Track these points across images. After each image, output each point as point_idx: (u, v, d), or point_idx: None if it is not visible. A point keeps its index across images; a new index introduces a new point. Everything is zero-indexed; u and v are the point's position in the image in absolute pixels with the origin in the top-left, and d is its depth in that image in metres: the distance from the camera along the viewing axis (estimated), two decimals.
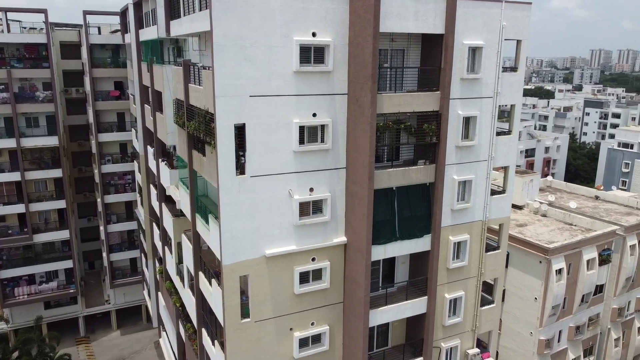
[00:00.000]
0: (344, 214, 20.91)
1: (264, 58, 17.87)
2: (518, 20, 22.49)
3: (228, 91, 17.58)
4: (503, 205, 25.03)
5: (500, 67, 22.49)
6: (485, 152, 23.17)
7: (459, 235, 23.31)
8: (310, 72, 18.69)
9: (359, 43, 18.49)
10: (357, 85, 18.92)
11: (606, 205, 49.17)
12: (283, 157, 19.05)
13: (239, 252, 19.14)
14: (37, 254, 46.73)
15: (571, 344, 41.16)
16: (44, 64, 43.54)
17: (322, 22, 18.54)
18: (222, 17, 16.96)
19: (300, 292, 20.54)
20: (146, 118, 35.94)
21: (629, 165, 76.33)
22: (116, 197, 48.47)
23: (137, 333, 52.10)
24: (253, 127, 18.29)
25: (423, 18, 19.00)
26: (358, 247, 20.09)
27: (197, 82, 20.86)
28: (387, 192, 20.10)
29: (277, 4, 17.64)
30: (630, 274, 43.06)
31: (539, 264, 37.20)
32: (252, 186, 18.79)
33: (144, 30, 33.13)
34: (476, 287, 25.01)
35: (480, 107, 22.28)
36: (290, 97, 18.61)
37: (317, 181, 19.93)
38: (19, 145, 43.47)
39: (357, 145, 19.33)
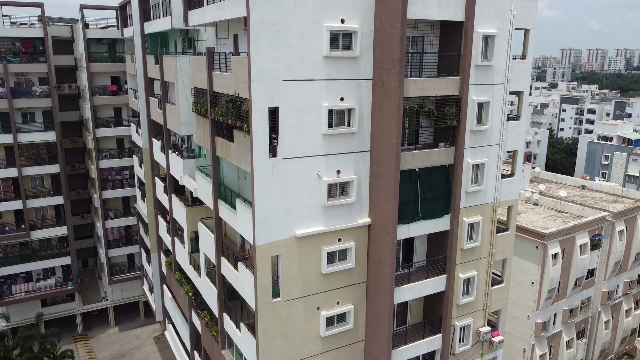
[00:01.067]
0: (367, 195, 21.68)
1: (296, 43, 18.51)
2: (527, 10, 23.59)
3: (263, 75, 18.16)
4: (512, 187, 26.16)
5: (511, 54, 23.56)
6: (496, 136, 24.20)
7: (472, 217, 24.29)
8: (339, 57, 19.41)
9: (385, 29, 19.27)
10: (383, 69, 19.70)
11: (593, 194, 51.10)
12: (313, 140, 19.71)
13: (271, 232, 19.73)
14: (34, 251, 46.26)
15: (565, 326, 42.76)
16: (41, 58, 43.20)
17: (350, 9, 19.28)
18: (259, 3, 17.54)
19: (327, 272, 21.24)
20: (151, 110, 36.06)
21: (609, 157, 79.06)
22: (114, 192, 48.27)
23: (136, 329, 51.95)
24: (285, 110, 18.91)
25: (445, 5, 19.90)
26: (383, 226, 20.88)
27: (222, 69, 21.34)
28: (410, 173, 20.93)
29: None
30: (618, 259, 44.94)
31: (536, 249, 38.56)
32: (284, 168, 19.41)
33: (150, 22, 33.29)
34: (487, 267, 26.07)
35: (492, 93, 23.28)
36: (320, 81, 19.29)
37: (343, 163, 20.66)
38: (15, 140, 43.01)
39: (383, 128, 20.11)
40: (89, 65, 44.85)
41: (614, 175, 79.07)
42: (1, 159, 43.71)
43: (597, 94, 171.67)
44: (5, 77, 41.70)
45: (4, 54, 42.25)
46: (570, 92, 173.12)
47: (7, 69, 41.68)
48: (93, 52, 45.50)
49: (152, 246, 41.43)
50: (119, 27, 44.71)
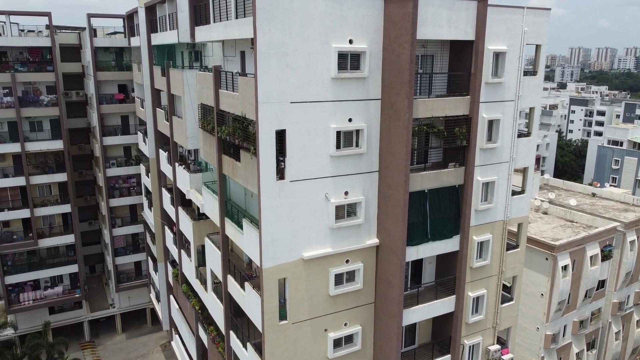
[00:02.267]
0: (376, 216, 21.39)
1: (304, 65, 18.25)
2: (538, 25, 23.19)
3: (271, 97, 17.92)
4: (522, 204, 25.78)
5: (522, 71, 23.17)
6: (507, 153, 23.83)
7: (482, 235, 23.94)
8: (347, 78, 19.13)
9: (394, 49, 18.97)
10: (392, 90, 19.40)
11: (603, 202, 50.45)
12: (320, 162, 19.46)
13: (278, 255, 19.50)
14: (41, 259, 46.37)
15: (575, 338, 42.23)
16: (48, 67, 43.23)
17: (359, 29, 18.98)
18: (266, 25, 17.30)
19: (335, 294, 20.98)
20: (158, 122, 35.95)
21: (619, 162, 78.16)
22: (121, 200, 48.28)
23: (143, 336, 51.98)
24: (293, 132, 18.67)
25: (455, 25, 19.56)
26: (392, 248, 20.59)
27: (229, 88, 21.13)
28: (419, 194, 20.62)
29: (317, 11, 18.03)
30: (629, 269, 44.33)
31: (545, 261, 38.06)
32: (291, 191, 19.16)
33: (157, 34, 33.16)
34: (497, 285, 25.70)
35: (502, 110, 22.92)
36: (328, 102, 19.02)
37: (351, 184, 20.39)
38: (23, 149, 43.08)
39: (392, 148, 19.81)
40: (97, 73, 44.84)
41: (625, 180, 78.17)
42: (9, 168, 43.80)
43: (606, 95, 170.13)
44: (13, 86, 41.77)
45: (11, 63, 42.29)
46: (580, 93, 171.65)
47: (15, 78, 41.74)
48: (100, 60, 45.50)
49: (159, 255, 41.36)
50: (126, 35, 44.65)
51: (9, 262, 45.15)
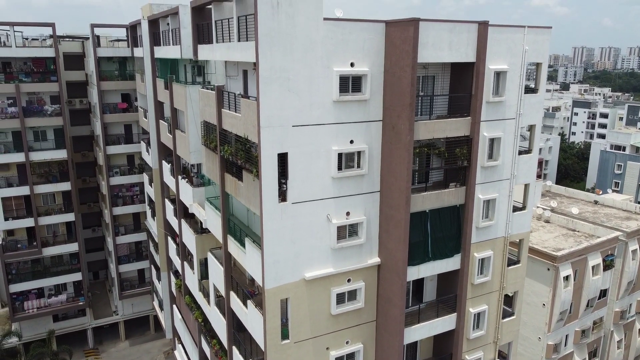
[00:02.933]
0: (377, 235, 21.55)
1: (305, 88, 18.41)
2: (539, 44, 23.29)
3: (273, 122, 18.10)
4: (523, 220, 25.90)
5: (523, 89, 23.27)
6: (507, 171, 23.94)
7: (483, 252, 24.06)
8: (349, 100, 19.29)
9: (396, 72, 19.11)
10: (393, 112, 19.54)
11: (605, 210, 50.47)
12: (322, 183, 19.62)
13: (280, 276, 19.67)
14: (45, 267, 46.67)
15: (577, 347, 42.31)
16: (52, 77, 43.49)
17: (360, 52, 19.13)
18: (268, 51, 17.46)
19: (337, 313, 21.15)
20: (161, 133, 36.16)
21: (622, 167, 78.11)
22: (124, 209, 48.53)
23: (146, 343, 52.25)
24: (295, 155, 18.83)
25: (456, 47, 19.69)
26: (393, 268, 20.74)
27: (232, 108, 21.31)
28: (420, 214, 20.76)
29: (318, 36, 18.18)
30: (632, 278, 44.38)
31: (547, 271, 38.15)
32: (293, 212, 19.33)
33: (160, 47, 33.35)
34: (498, 300, 25.82)
35: (503, 128, 23.04)
36: (330, 125, 19.19)
37: (353, 205, 20.54)
38: (27, 159, 43.37)
39: (393, 170, 19.96)
40: (100, 83, 45.09)
41: (627, 185, 78.16)
42: (13, 177, 44.10)
43: (609, 96, 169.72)
44: (17, 97, 42.05)
45: (16, 73, 42.56)
46: (583, 95, 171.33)
47: (19, 88, 42.03)
48: (104, 70, 45.73)
49: (162, 265, 41.58)
50: (129, 45, 44.89)
51: (13, 270, 45.46)
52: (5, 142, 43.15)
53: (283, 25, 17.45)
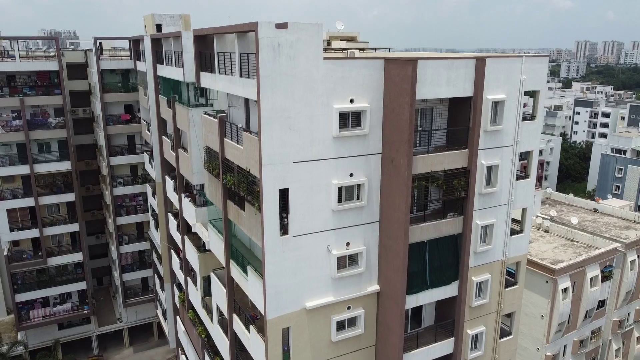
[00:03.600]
0: (377, 263, 22.01)
1: (306, 126, 18.82)
2: (536, 72, 23.62)
3: (274, 160, 18.53)
4: (521, 243, 26.29)
5: (520, 117, 23.63)
6: (505, 196, 24.32)
7: (480, 275, 24.49)
8: (349, 136, 19.69)
9: (394, 108, 19.50)
10: (392, 146, 19.95)
11: (605, 219, 50.83)
12: (322, 216, 20.07)
13: (281, 306, 20.18)
14: (51, 276, 47.32)
15: (575, 357, 42.82)
16: (56, 90, 43.94)
17: (360, 89, 19.52)
18: (269, 92, 17.86)
19: (337, 339, 21.66)
20: (164, 149, 36.60)
21: (622, 170, 78.34)
22: (128, 218, 49.09)
23: (150, 350, 52.98)
24: (296, 190, 19.27)
25: (454, 83, 20.05)
26: (392, 296, 21.22)
27: (234, 139, 21.72)
28: (419, 244, 21.20)
29: (319, 75, 18.57)
30: (630, 288, 44.83)
31: (546, 284, 38.62)
32: (294, 245, 19.79)
33: (163, 66, 33.72)
34: (496, 321, 26.30)
35: (501, 156, 23.39)
36: (330, 160, 19.61)
37: (353, 235, 21.00)
38: (32, 171, 43.92)
39: (392, 202, 20.39)
40: (103, 95, 45.52)
41: (628, 189, 78.43)
42: (18, 189, 44.66)
43: (612, 95, 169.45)
44: (22, 110, 42.55)
45: (20, 87, 43.01)
46: (585, 94, 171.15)
47: (24, 102, 42.50)
48: (107, 82, 46.13)
49: (165, 276, 42.16)
50: (131, 57, 45.26)
51: (19, 280, 46.12)
52: (10, 155, 43.68)
53: (284, 66, 17.84)
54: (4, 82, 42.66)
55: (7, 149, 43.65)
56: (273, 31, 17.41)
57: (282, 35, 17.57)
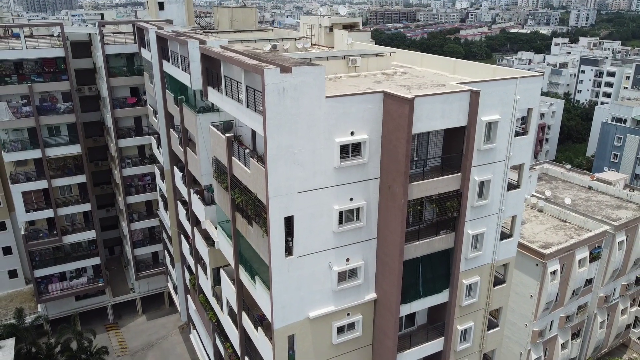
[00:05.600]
0: (374, 274, 23.94)
1: (309, 160, 20.20)
2: (530, 91, 24.63)
3: (280, 191, 20.05)
4: (510, 247, 28.13)
5: (513, 134, 24.85)
6: (496, 206, 25.92)
7: (471, 278, 26.49)
8: (349, 165, 21.09)
9: (392, 140, 20.78)
10: (389, 174, 21.38)
11: (598, 197, 52.52)
12: (324, 237, 21.80)
13: (287, 317, 22.29)
14: (66, 253, 49.79)
15: (561, 331, 45.72)
16: (63, 76, 44.67)
17: (360, 122, 20.73)
18: (275, 132, 19.14)
19: (337, 342, 23.95)
20: (172, 142, 37.89)
21: (621, 139, 79.22)
22: (137, 197, 50.95)
23: (162, 318, 56.28)
24: (300, 217, 20.90)
25: (449, 115, 21.21)
26: (388, 305, 23.29)
27: (242, 160, 23.13)
28: (413, 260, 23.03)
29: (321, 113, 19.77)
30: (617, 266, 47.10)
31: (536, 267, 40.82)
32: (299, 264, 21.65)
33: (169, 65, 34.46)
34: (484, 317, 28.57)
35: (493, 170, 24.81)
36: (331, 188, 21.11)
37: (352, 252, 22.81)
38: (44, 155, 45.40)
39: (389, 224, 22.04)
40: (109, 79, 46.24)
41: (626, 158, 79.57)
42: (31, 172, 46.29)
43: (619, 51, 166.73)
44: (31, 97, 43.51)
45: (27, 74, 43.74)
46: (592, 50, 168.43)
47: (33, 89, 43.39)
48: (112, 65, 46.71)
49: (175, 256, 44.48)
50: (135, 42, 45.65)
51: (37, 257, 48.61)
52: (21, 140, 45.01)
53: (289, 108, 19.02)
54: (11, 70, 43.35)
55: (18, 134, 44.95)
56: (278, 76, 18.48)
57: (287, 80, 18.66)
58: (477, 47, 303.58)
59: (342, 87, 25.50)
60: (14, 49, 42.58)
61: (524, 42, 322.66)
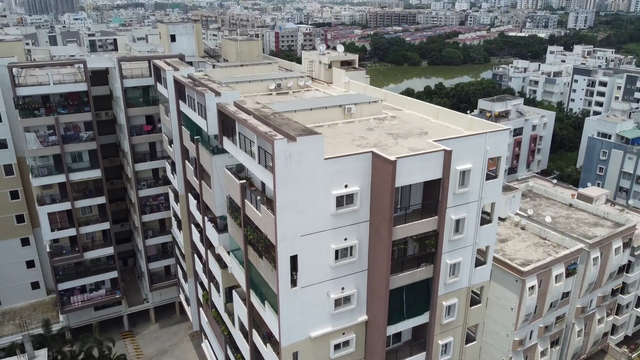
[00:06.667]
0: (365, 299, 28.28)
1: (310, 209, 24.54)
2: (498, 143, 28.92)
3: (286, 236, 24.40)
4: (484, 272, 32.47)
5: (484, 179, 29.15)
6: (471, 239, 30.25)
7: (450, 300, 30.84)
8: (343, 212, 25.43)
9: (379, 191, 25.10)
10: (377, 219, 25.70)
11: (578, 214, 56.84)
12: (323, 270, 26.15)
13: (292, 337, 26.66)
14: (86, 267, 54.17)
15: (540, 340, 50.01)
16: (85, 108, 49.01)
17: (352, 176, 25.06)
18: (283, 189, 23.49)
19: (334, 357, 28.31)
20: (187, 172, 42.16)
21: (607, 154, 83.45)
22: (151, 216, 55.26)
23: (173, 326, 60.70)
24: (303, 255, 25.25)
25: (427, 170, 25.53)
26: (377, 326, 27.64)
27: (253, 204, 27.43)
28: (398, 289, 27.37)
29: (320, 171, 24.10)
30: (593, 280, 51.34)
31: (515, 282, 45.13)
32: (302, 293, 26.00)
33: (186, 107, 38.65)
34: (462, 333, 32.89)
35: (467, 210, 29.13)
36: (329, 230, 25.45)
37: (346, 282, 27.17)
38: (67, 179, 49.76)
39: (376, 259, 26.38)
40: (127, 110, 50.55)
41: (610, 171, 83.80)
42: (56, 194, 50.64)
43: (612, 60, 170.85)
44: (56, 127, 47.84)
45: (54, 107, 48.06)
46: (585, 58, 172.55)
47: (58, 120, 47.73)
48: (130, 96, 50.95)
49: (188, 272, 48.77)
50: (151, 75, 49.91)
51: (60, 271, 52.98)
52: (47, 165, 49.34)
53: (294, 169, 23.35)
54: (39, 103, 47.67)
55: (45, 160, 49.26)
56: (285, 145, 22.83)
57: (293, 147, 23.00)
58: (475, 52, 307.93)
59: (339, 136, 30.00)
60: (42, 85, 46.86)
61: (522, 46, 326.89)
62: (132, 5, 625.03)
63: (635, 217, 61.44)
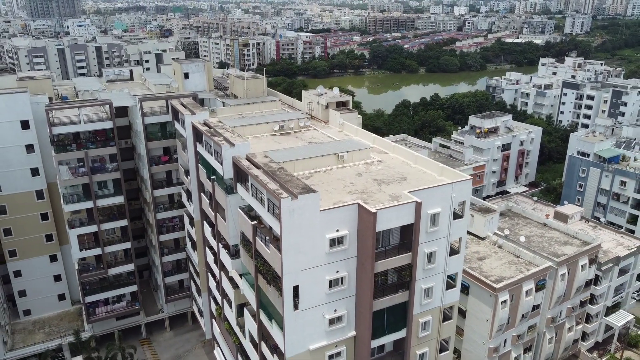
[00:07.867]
0: (354, 318, 34.77)
1: (309, 249, 31.03)
2: (464, 190, 35.40)
3: (290, 271, 30.90)
4: (454, 294, 38.93)
5: (452, 219, 35.59)
6: (442, 267, 36.71)
7: (425, 317, 37.31)
8: (335, 251, 31.92)
9: (363, 234, 31.58)
10: (362, 255, 32.18)
11: (550, 234, 63.23)
12: (320, 296, 32.65)
13: (295, 350, 33.15)
14: (110, 282, 60.65)
15: (514, 347, 56.40)
16: (111, 143, 55.52)
17: (342, 223, 31.56)
18: (287, 235, 29.98)
19: None
20: (202, 202, 48.59)
21: (585, 171, 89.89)
22: (168, 236, 61.74)
23: (186, 334, 67.16)
24: (303, 285, 31.74)
25: (402, 217, 32.01)
26: (363, 341, 34.13)
27: (263, 241, 33.90)
28: (380, 311, 33.85)
29: (317, 220, 30.59)
30: (561, 294, 57.67)
31: (490, 297, 51.52)
32: (302, 315, 32.50)
33: (203, 150, 45.07)
34: (436, 344, 39.35)
35: (438, 244, 35.61)
36: (324, 265, 31.94)
37: (338, 305, 33.67)
38: (95, 205, 56.26)
39: (362, 288, 32.87)
40: (147, 143, 57.04)
41: (589, 187, 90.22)
42: (84, 218, 57.13)
43: (601, 72, 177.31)
44: (85, 160, 54.35)
45: (84, 142, 54.57)
46: (576, 71, 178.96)
47: (88, 154, 54.25)
48: (149, 131, 57.39)
49: (202, 287, 55.24)
50: (168, 112, 56.35)
51: (87, 286, 59.49)
52: (77, 193, 55.84)
53: (296, 220, 29.85)
54: (71, 139, 54.18)
55: (74, 188, 55.74)
56: (290, 202, 29.33)
57: (295, 203, 29.49)
58: (471, 59, 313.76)
59: (332, 182, 36.48)
60: (73, 124, 53.34)
61: (518, 53, 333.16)
62: (134, 9, 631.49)
63: (606, 234, 68.00)
